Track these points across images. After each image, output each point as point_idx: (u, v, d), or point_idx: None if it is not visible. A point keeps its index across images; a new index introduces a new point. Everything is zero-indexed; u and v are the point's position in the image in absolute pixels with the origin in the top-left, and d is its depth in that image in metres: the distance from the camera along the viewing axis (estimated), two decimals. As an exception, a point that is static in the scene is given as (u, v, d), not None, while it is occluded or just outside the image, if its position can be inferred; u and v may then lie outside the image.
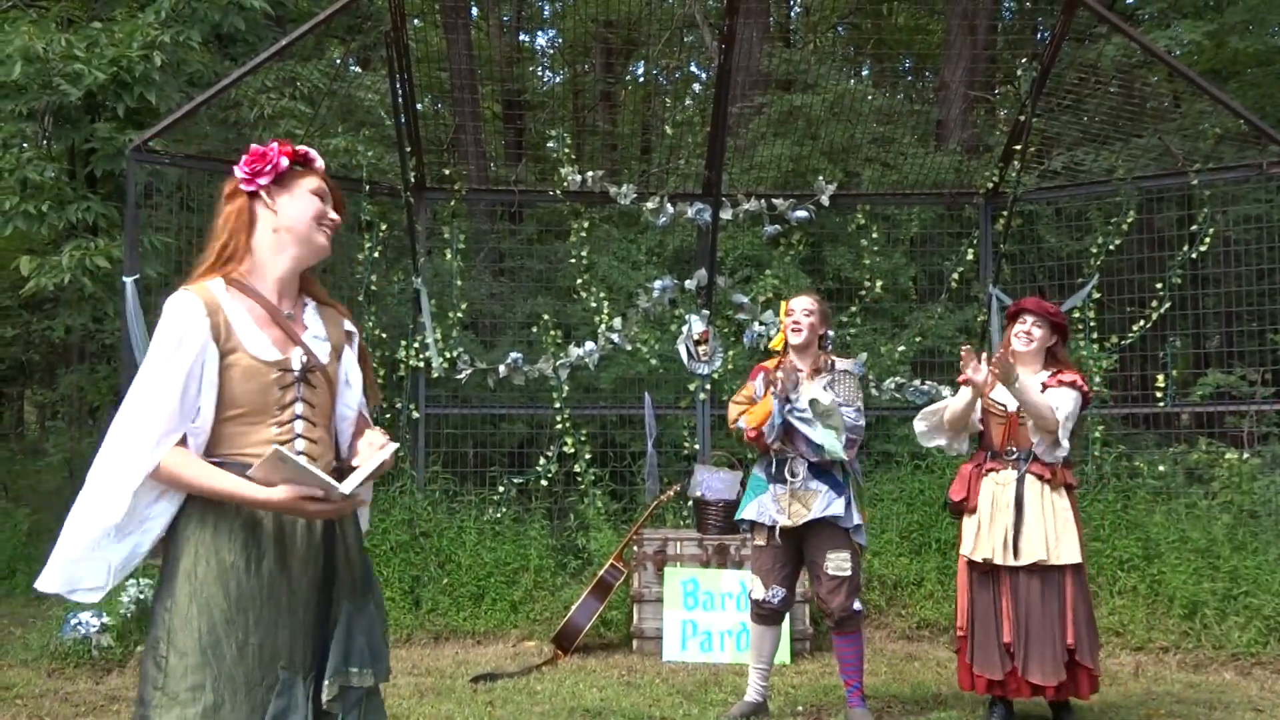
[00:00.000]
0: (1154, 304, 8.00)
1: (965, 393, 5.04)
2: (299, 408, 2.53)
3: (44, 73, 7.48)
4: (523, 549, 7.58)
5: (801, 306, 5.35)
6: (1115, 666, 6.37)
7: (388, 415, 8.16)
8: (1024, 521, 4.82)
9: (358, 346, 2.75)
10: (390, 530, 7.45)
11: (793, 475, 5.18)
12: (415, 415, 8.21)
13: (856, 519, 5.18)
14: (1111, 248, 8.21)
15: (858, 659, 5.20)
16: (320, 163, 2.73)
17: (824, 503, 5.10)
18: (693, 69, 15.20)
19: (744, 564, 6.81)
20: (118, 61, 7.61)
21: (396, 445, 2.57)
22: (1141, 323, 8.02)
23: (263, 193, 2.60)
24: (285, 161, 2.62)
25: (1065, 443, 4.90)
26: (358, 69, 12.05)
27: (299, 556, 2.50)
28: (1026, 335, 5.02)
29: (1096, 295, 8.07)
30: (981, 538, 4.90)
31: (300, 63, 9.36)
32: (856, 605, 5.14)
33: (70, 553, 2.40)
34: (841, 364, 5.35)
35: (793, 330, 5.30)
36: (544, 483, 8.21)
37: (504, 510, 7.97)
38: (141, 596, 6.46)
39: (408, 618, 7.17)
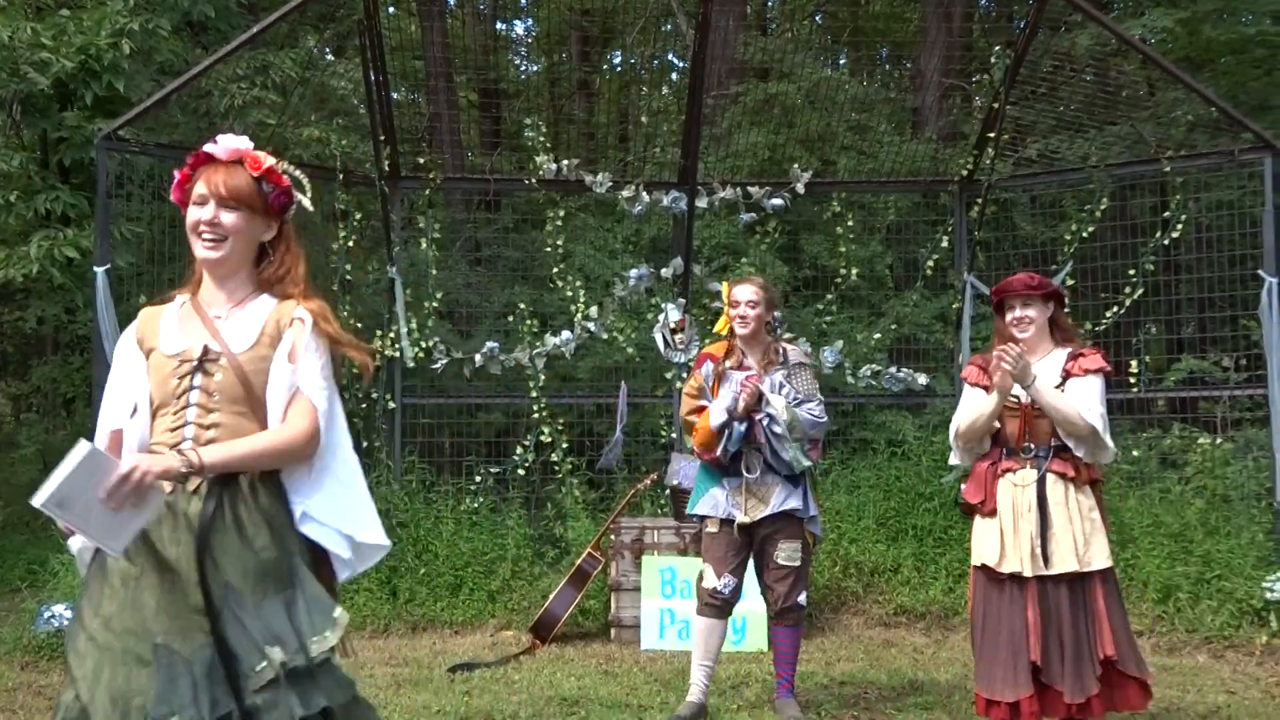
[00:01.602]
0: (1127, 290, 8.03)
1: (988, 401, 4.37)
2: (193, 395, 2.59)
3: (11, 61, 7.40)
4: (500, 539, 7.57)
5: (745, 297, 5.11)
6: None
7: (364, 405, 8.12)
8: (1050, 527, 4.25)
9: (312, 328, 2.70)
10: (367, 521, 7.41)
11: (749, 470, 5.02)
12: (391, 405, 8.17)
13: (813, 509, 5.07)
14: (1085, 235, 8.24)
15: (793, 652, 5.12)
16: (223, 153, 2.71)
17: (781, 496, 4.99)
18: (669, 57, 15.18)
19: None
20: (86, 49, 7.53)
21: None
22: (1115, 309, 8.06)
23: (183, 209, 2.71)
24: (189, 171, 2.70)
25: (1109, 442, 4.29)
26: (331, 57, 11.97)
27: (182, 534, 2.51)
28: (1024, 322, 4.41)
29: (1070, 282, 8.11)
30: (1007, 547, 4.30)
31: (273, 51, 9.29)
32: (801, 598, 5.04)
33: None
34: (793, 353, 5.18)
35: (739, 322, 5.10)
36: (521, 472, 8.19)
37: (481, 500, 7.95)
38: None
39: (385, 608, 7.15)
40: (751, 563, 5.15)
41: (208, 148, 2.70)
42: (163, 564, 2.50)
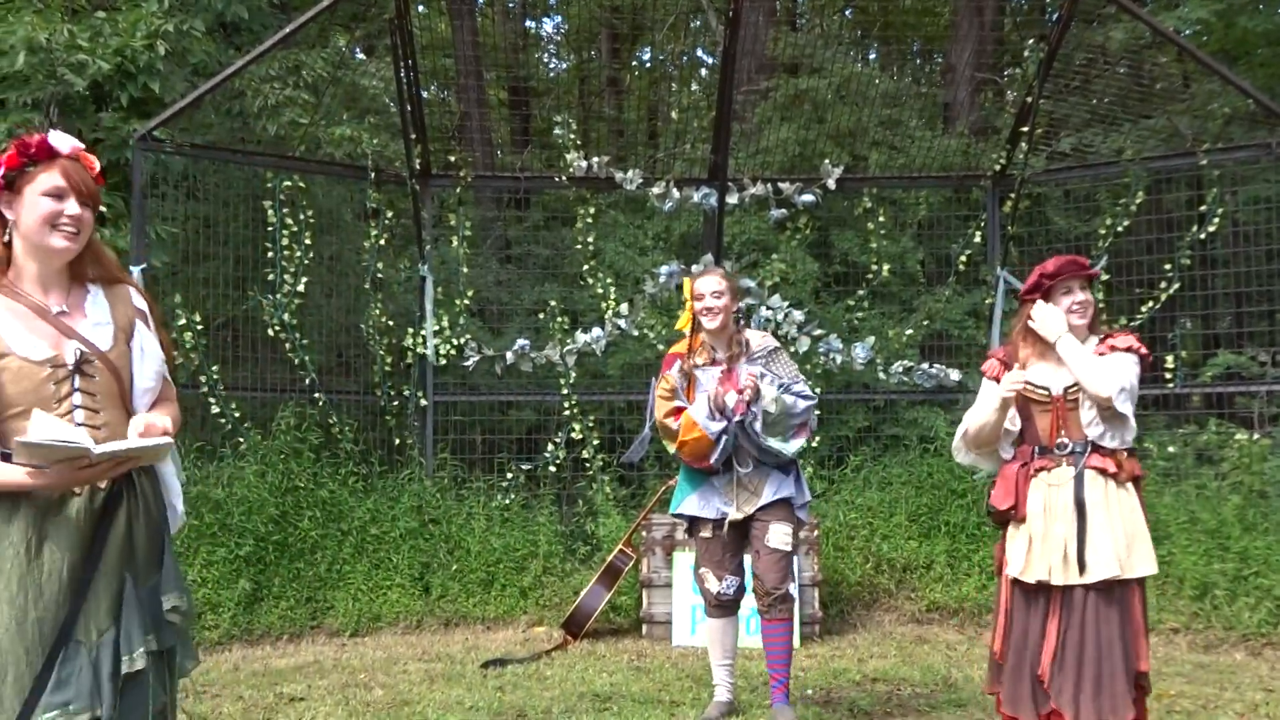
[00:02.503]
0: (1163, 285, 7.96)
1: (991, 404, 4.07)
2: (76, 398, 2.61)
3: (48, 63, 7.47)
4: (531, 535, 7.60)
5: (710, 288, 4.90)
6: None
7: (396, 403, 8.16)
8: (1088, 530, 3.80)
9: (151, 314, 2.81)
10: (400, 517, 7.47)
11: (741, 465, 4.84)
12: (423, 403, 8.21)
13: (806, 495, 4.95)
14: (1120, 229, 8.17)
15: (787, 649, 4.88)
16: (66, 148, 2.69)
17: (774, 487, 4.84)
18: (699, 54, 15.15)
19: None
20: (122, 51, 7.60)
21: (162, 442, 2.60)
22: (1150, 304, 7.98)
23: (0, 205, 2.65)
24: (4, 172, 2.62)
25: (1130, 415, 3.89)
26: (362, 56, 12.03)
27: (85, 531, 2.58)
28: (1086, 306, 4.00)
29: (1105, 277, 8.04)
30: (1034, 554, 3.87)
31: (304, 51, 9.34)
32: (792, 588, 4.88)
33: None
34: (759, 338, 5.00)
35: (705, 315, 4.90)
36: (552, 469, 8.21)
37: (512, 497, 7.98)
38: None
39: (418, 604, 7.19)
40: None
41: (53, 140, 2.67)
42: (72, 558, 2.57)
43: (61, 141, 2.69)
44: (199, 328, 7.44)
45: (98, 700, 2.51)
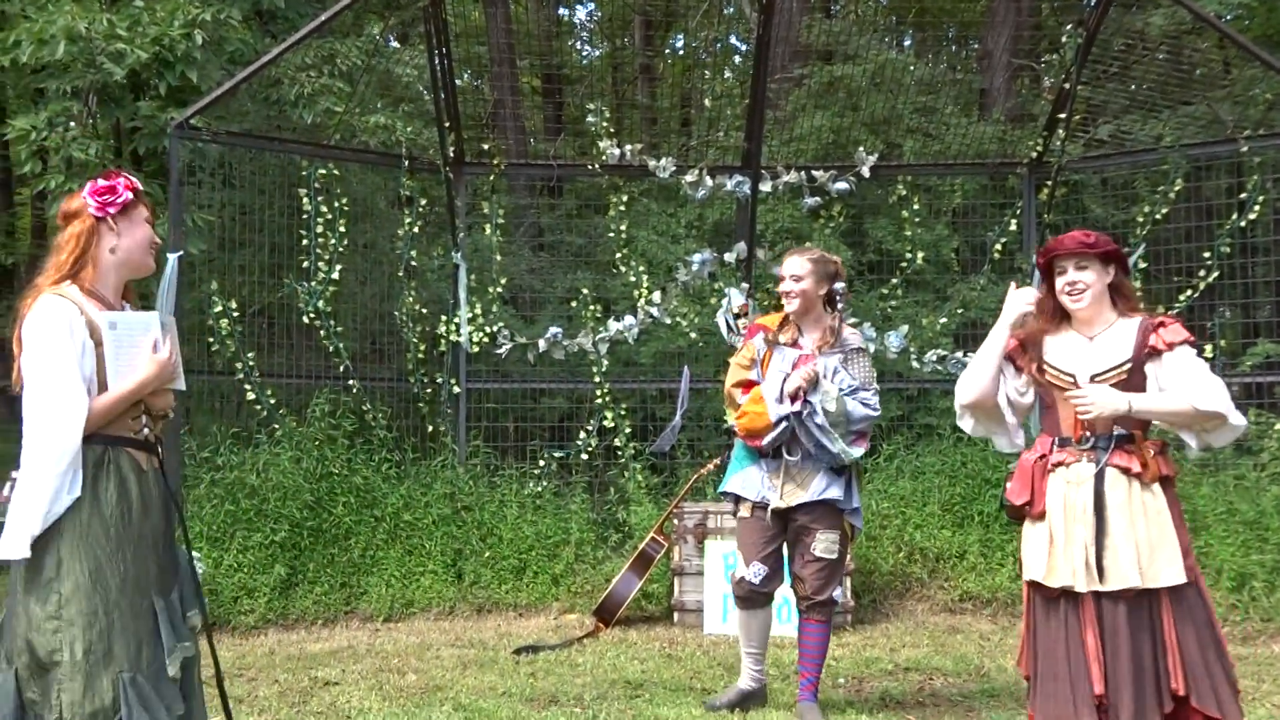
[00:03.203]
0: (1202, 274, 7.87)
1: (996, 338, 3.80)
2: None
3: (87, 52, 7.54)
4: (563, 523, 7.62)
5: (789, 270, 4.75)
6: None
7: (429, 390, 8.20)
8: (1107, 533, 3.49)
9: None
10: (433, 504, 7.51)
11: (789, 453, 4.71)
12: (456, 390, 8.24)
13: (855, 501, 4.79)
14: (1158, 217, 8.08)
15: (821, 651, 4.81)
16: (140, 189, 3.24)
17: (822, 484, 4.68)
18: (732, 41, 15.08)
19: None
20: (160, 40, 7.66)
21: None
22: (1189, 292, 7.89)
23: (110, 219, 3.15)
24: (130, 195, 3.16)
25: (1236, 416, 3.53)
26: (396, 44, 12.06)
27: (155, 504, 3.12)
28: (1076, 289, 3.65)
29: (1143, 265, 7.95)
30: (1056, 558, 3.57)
31: (339, 39, 9.38)
32: (836, 593, 4.78)
33: (32, 525, 2.88)
34: (852, 337, 4.83)
35: (785, 298, 4.77)
36: (584, 457, 8.23)
37: (545, 484, 8.00)
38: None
39: (450, 590, 7.23)
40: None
41: (137, 184, 3.22)
42: (153, 521, 3.12)
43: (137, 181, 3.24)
44: (235, 314, 7.50)
45: (191, 645, 3.12)
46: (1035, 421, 3.99)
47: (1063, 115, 8.00)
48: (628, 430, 8.22)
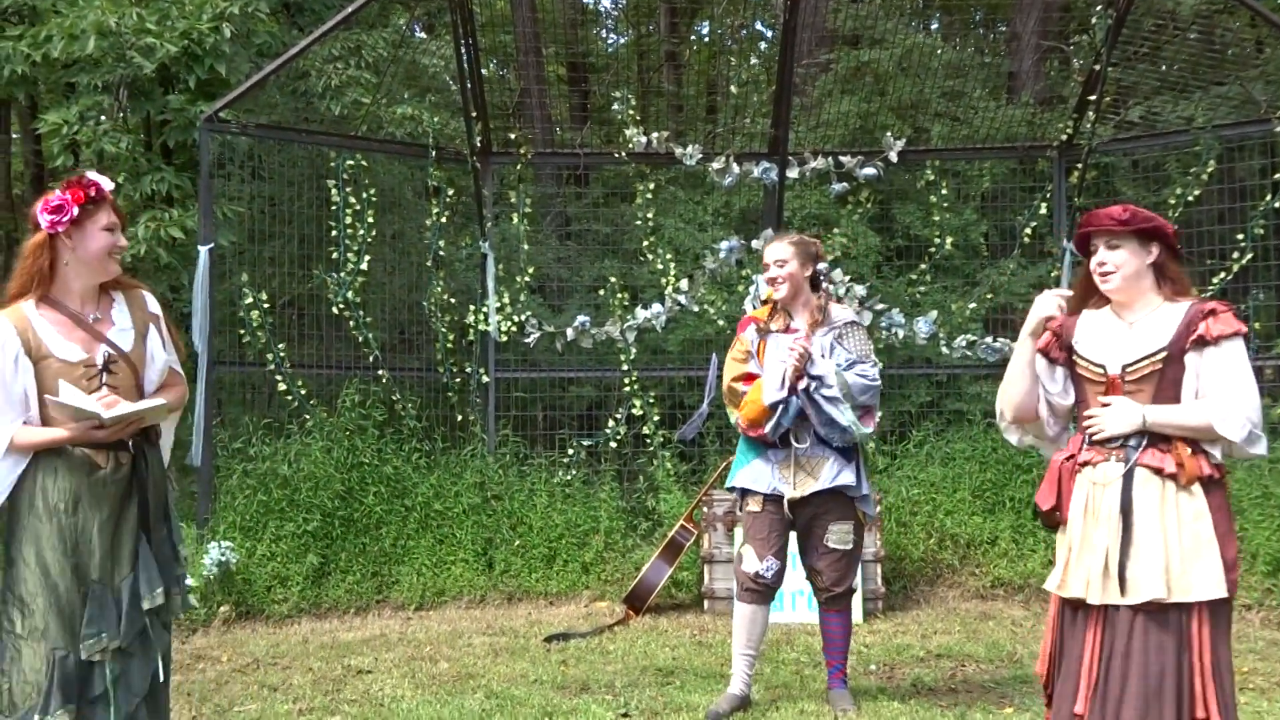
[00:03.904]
0: (1235, 255, 7.78)
1: (1021, 349, 3.42)
2: (103, 391, 3.26)
3: (117, 46, 7.61)
4: (593, 511, 7.64)
5: (773, 256, 4.75)
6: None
7: (458, 380, 8.23)
8: (1133, 540, 3.13)
9: (162, 318, 3.50)
10: (462, 493, 7.54)
11: (798, 441, 4.64)
12: (485, 379, 8.27)
13: (865, 488, 4.73)
14: (1190, 199, 8.00)
15: (844, 638, 4.80)
16: (109, 187, 3.34)
17: (833, 471, 4.62)
18: (758, 27, 15.02)
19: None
20: (188, 34, 7.72)
21: (157, 404, 3.31)
22: (1223, 275, 7.81)
23: (62, 235, 3.26)
24: (76, 210, 3.23)
25: (1259, 434, 3.16)
26: (422, 35, 12.09)
27: (107, 498, 3.28)
28: (1104, 270, 3.29)
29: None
30: (1071, 566, 3.25)
31: (365, 30, 9.41)
32: (854, 583, 4.74)
33: None
34: (840, 311, 4.81)
35: (771, 284, 4.77)
36: (613, 445, 8.24)
37: (574, 473, 8.02)
38: (223, 559, 6.61)
39: (481, 579, 7.27)
40: (794, 543, 4.81)
41: (103, 184, 3.31)
42: (100, 517, 3.27)
43: (106, 182, 3.33)
44: (265, 306, 7.55)
45: (117, 632, 3.24)
46: None
47: (1093, 97, 7.92)
48: (656, 418, 8.22)
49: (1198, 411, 3.13)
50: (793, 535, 4.84)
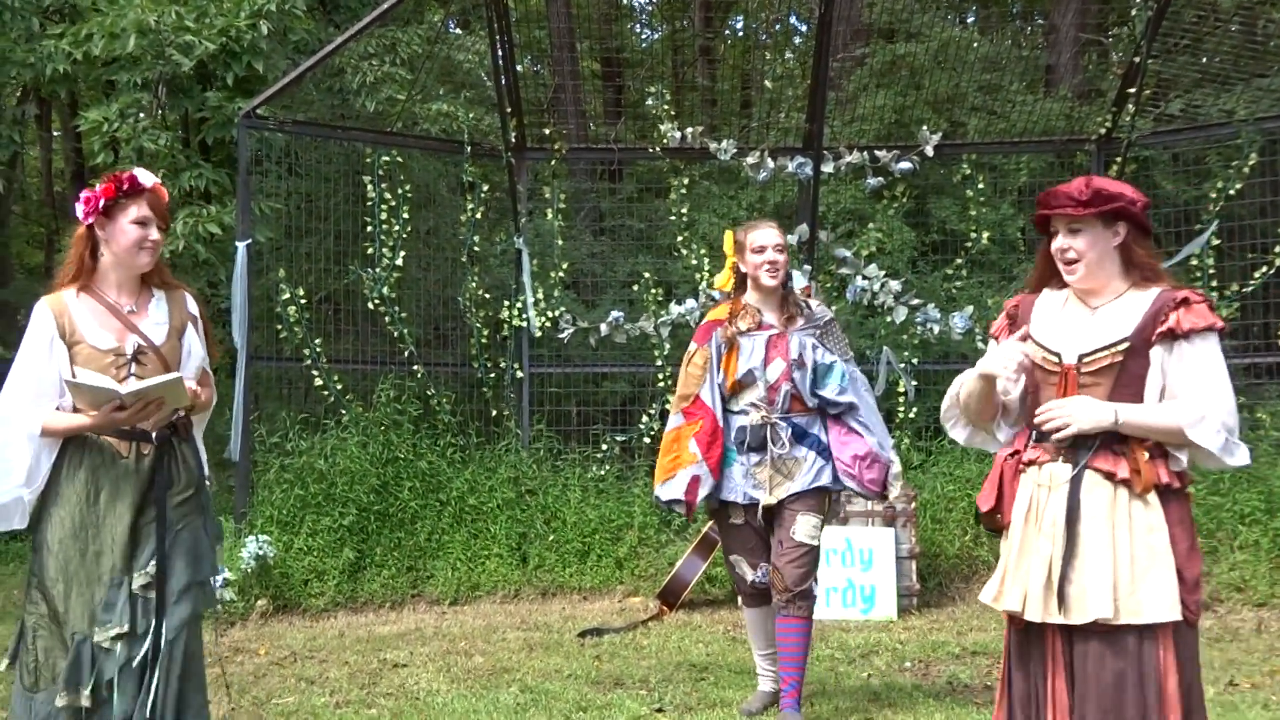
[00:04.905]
0: (1277, 250, 7.68)
1: (976, 376, 3.09)
2: (131, 381, 3.31)
3: (157, 44, 7.69)
4: (627, 506, 7.64)
5: (772, 240, 4.41)
6: (1237, 623, 6.20)
7: (492, 375, 8.26)
8: (1077, 552, 2.77)
9: (200, 319, 3.57)
10: (497, 488, 7.57)
11: (775, 442, 4.39)
12: (519, 375, 8.29)
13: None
14: (1231, 192, 7.89)
15: (803, 650, 4.39)
16: (149, 182, 3.39)
17: (811, 473, 4.38)
18: (793, 21, 14.96)
19: (849, 519, 6.77)
20: (226, 31, 7.79)
21: (173, 377, 3.30)
22: (1264, 269, 7.71)
23: (96, 227, 3.36)
24: (103, 202, 3.32)
25: (1237, 443, 2.79)
26: (457, 31, 12.13)
27: (129, 487, 3.32)
28: (1066, 256, 2.90)
29: (1215, 242, 7.78)
30: (1008, 576, 2.91)
31: (400, 27, 9.46)
32: (814, 586, 4.41)
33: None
34: (823, 309, 4.57)
35: (768, 270, 4.40)
36: (647, 440, 8.24)
37: (608, 468, 8.03)
38: (260, 552, 6.67)
39: (515, 574, 7.29)
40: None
41: (139, 176, 3.37)
42: (121, 507, 3.33)
43: (146, 177, 3.40)
44: (302, 302, 7.60)
45: (129, 620, 3.29)
46: None
47: (1132, 90, 7.84)
48: (690, 414, 8.19)
49: (1169, 413, 2.76)
50: None
